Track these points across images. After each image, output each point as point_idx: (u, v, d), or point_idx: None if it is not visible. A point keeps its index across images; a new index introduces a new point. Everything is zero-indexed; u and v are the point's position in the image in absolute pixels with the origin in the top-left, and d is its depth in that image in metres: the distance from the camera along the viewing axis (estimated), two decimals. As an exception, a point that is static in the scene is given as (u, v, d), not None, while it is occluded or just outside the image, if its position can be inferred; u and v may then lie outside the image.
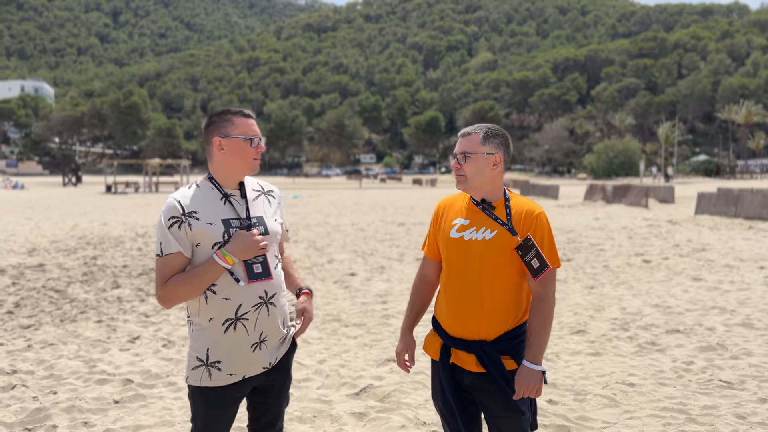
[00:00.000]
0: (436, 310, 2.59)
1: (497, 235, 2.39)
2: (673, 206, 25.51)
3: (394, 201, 32.95)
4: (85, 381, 4.81)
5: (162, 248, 2.28)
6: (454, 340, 2.46)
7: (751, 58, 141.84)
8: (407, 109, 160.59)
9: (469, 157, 2.43)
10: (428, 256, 2.65)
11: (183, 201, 2.30)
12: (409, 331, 2.69)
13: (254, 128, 2.38)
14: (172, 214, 2.28)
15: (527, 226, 2.40)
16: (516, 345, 2.43)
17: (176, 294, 2.27)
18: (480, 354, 2.37)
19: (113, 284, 8.77)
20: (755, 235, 14.89)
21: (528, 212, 2.41)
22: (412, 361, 2.69)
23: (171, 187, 49.31)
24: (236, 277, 2.31)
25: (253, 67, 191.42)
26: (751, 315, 6.78)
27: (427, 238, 2.66)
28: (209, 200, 2.34)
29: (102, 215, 21.80)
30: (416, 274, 2.72)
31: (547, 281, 2.40)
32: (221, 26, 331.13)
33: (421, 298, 2.69)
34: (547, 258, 2.38)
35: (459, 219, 2.49)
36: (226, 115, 2.36)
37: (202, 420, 2.38)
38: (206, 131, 2.39)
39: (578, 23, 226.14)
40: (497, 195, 2.48)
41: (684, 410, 4.15)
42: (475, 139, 2.45)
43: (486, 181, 2.45)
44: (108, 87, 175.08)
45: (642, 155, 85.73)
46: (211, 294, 2.31)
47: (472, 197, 2.50)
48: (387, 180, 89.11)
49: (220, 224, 2.31)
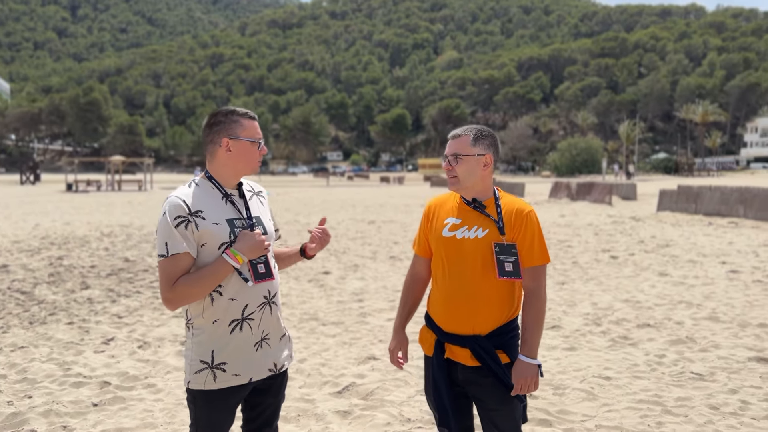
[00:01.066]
0: (429, 306, 2.63)
1: (489, 233, 2.45)
2: (635, 203, 26.09)
3: (363, 199, 32.96)
4: (61, 384, 4.71)
5: (168, 248, 2.23)
6: (448, 335, 2.50)
7: (707, 58, 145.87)
8: (374, 107, 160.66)
9: (461, 158, 2.48)
10: (419, 254, 2.69)
11: (187, 200, 2.27)
12: (402, 329, 2.73)
13: (258, 131, 2.40)
14: (178, 213, 2.23)
15: (518, 224, 2.45)
16: (509, 339, 2.49)
17: (186, 295, 2.23)
18: (475, 348, 2.42)
19: (82, 285, 8.59)
20: (715, 231, 15.35)
21: (518, 211, 2.47)
22: (405, 358, 2.73)
23: (134, 186, 48.39)
24: (244, 277, 2.31)
25: (217, 64, 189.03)
26: (717, 309, 7.00)
27: (417, 237, 2.70)
28: (212, 200, 2.33)
29: (64, 214, 21.29)
30: (407, 272, 2.76)
31: (538, 277, 2.47)
32: (184, 21, 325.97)
33: (413, 295, 2.73)
34: (538, 255, 2.46)
35: (451, 218, 2.54)
36: (233, 116, 2.35)
37: (204, 424, 2.34)
38: (212, 131, 2.35)
39: (542, 23, 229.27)
40: (488, 194, 2.53)
41: (659, 402, 4.28)
42: (465, 140, 2.49)
43: (477, 181, 2.50)
44: (67, 83, 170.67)
45: (604, 153, 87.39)
46: (217, 295, 2.29)
47: (463, 197, 2.55)
48: (354, 178, 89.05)
49: (226, 224, 2.30)
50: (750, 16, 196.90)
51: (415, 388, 4.60)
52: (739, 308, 7.03)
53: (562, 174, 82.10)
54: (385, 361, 5.21)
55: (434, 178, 62.00)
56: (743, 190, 18.53)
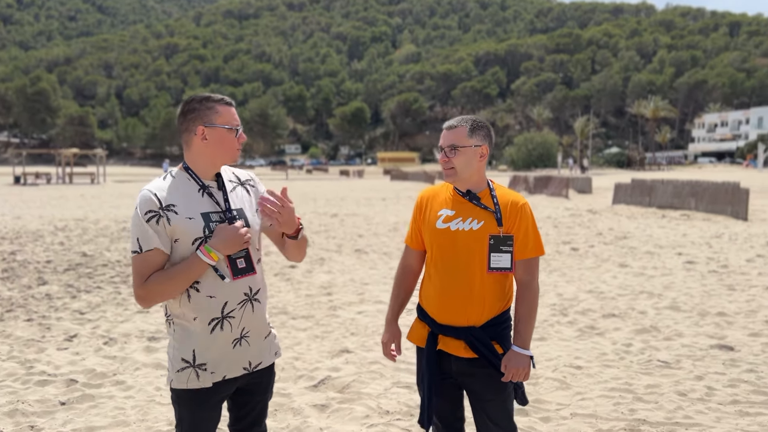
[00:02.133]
0: (422, 299, 2.61)
1: (484, 225, 2.44)
2: (591, 196, 26.67)
3: (323, 192, 32.79)
4: (24, 383, 4.54)
5: (140, 244, 2.14)
6: (442, 327, 2.49)
7: (657, 55, 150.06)
8: (332, 100, 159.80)
9: (458, 150, 2.45)
10: (411, 246, 2.67)
11: (159, 193, 2.16)
12: (395, 321, 2.71)
13: (236, 117, 2.27)
14: (149, 208, 2.13)
15: (513, 216, 2.45)
16: (502, 330, 2.49)
17: (157, 293, 2.15)
18: (471, 340, 2.42)
19: (39, 281, 8.30)
20: (669, 223, 15.82)
21: (513, 203, 2.47)
22: (398, 350, 2.71)
23: (86, 179, 47.02)
24: (221, 273, 2.20)
25: (171, 54, 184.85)
26: (677, 298, 7.22)
27: (409, 229, 2.67)
28: (186, 192, 2.21)
29: (14, 208, 20.54)
30: (399, 264, 2.73)
31: (532, 269, 2.49)
32: (136, 10, 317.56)
33: (404, 287, 2.71)
34: (532, 247, 2.47)
35: (444, 210, 2.51)
36: (208, 103, 2.22)
37: (189, 424, 2.27)
38: (186, 118, 2.23)
39: (498, 18, 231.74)
40: (482, 186, 2.52)
41: (630, 390, 4.38)
42: (461, 131, 2.46)
43: (473, 173, 2.48)
44: (12, 72, 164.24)
45: (559, 148, 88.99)
46: (194, 291, 2.20)
47: (457, 188, 2.52)
48: (313, 171, 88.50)
49: (200, 218, 2.18)
50: (697, 15, 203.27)
51: (391, 380, 4.60)
52: (698, 298, 7.26)
53: (519, 168, 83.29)
54: (359, 354, 5.20)
55: (394, 171, 62.14)
56: (694, 183, 19.13)
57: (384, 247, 11.66)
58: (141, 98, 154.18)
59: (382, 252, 11.09)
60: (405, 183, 47.74)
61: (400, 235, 13.59)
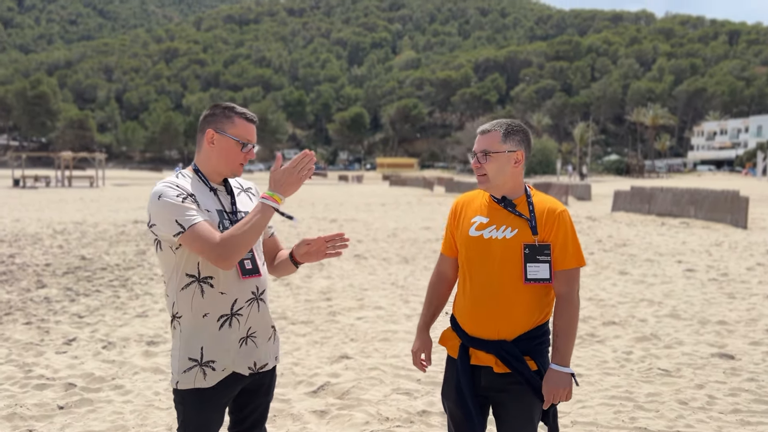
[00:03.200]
0: (455, 309, 2.53)
1: (518, 234, 2.34)
2: (590, 203, 26.70)
3: (322, 197, 32.79)
4: (23, 387, 4.52)
5: (181, 223, 2.11)
6: (472, 339, 2.39)
7: (657, 63, 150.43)
8: (332, 105, 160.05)
9: (491, 155, 2.35)
10: (445, 253, 2.58)
11: (181, 185, 2.21)
12: (426, 330, 2.61)
13: (252, 134, 2.30)
14: (177, 192, 2.16)
15: (549, 224, 2.34)
16: (536, 345, 2.37)
17: (235, 245, 2.11)
18: (502, 354, 2.32)
19: (38, 284, 8.28)
20: (668, 230, 15.82)
21: (550, 210, 2.36)
22: (428, 360, 2.61)
23: (85, 182, 46.97)
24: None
25: (171, 58, 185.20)
26: (677, 306, 7.20)
27: (444, 235, 2.60)
28: (199, 190, 2.27)
29: (12, 211, 20.52)
30: (433, 272, 2.65)
31: (571, 281, 2.35)
32: (137, 15, 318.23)
33: (438, 295, 2.61)
34: (572, 257, 2.34)
35: (478, 217, 2.43)
36: (229, 112, 2.27)
37: (195, 426, 2.27)
38: (204, 121, 2.30)
39: (498, 25, 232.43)
40: (518, 192, 2.42)
41: (631, 398, 4.37)
42: (495, 136, 2.37)
43: (508, 179, 2.38)
44: (12, 75, 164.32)
45: (558, 154, 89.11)
46: (208, 287, 2.22)
47: (492, 195, 2.43)
48: (312, 176, 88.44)
49: (216, 213, 2.25)
50: (697, 24, 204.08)
51: (391, 387, 4.59)
52: (698, 306, 7.25)
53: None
54: (359, 360, 5.18)
55: (393, 177, 62.16)
56: (693, 191, 19.15)
57: (383, 253, 11.65)
58: (141, 102, 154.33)
59: (381, 258, 11.07)
60: (404, 189, 47.78)
61: (399, 240, 13.58)
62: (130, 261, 10.34)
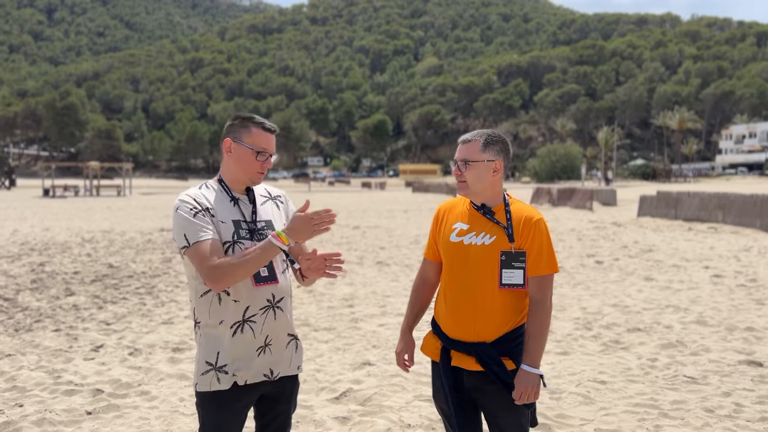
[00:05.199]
0: (436, 312, 2.62)
1: (496, 240, 2.43)
2: (615, 209, 26.40)
3: (346, 204, 32.92)
4: (52, 392, 4.62)
5: (188, 238, 2.21)
6: (453, 342, 2.49)
7: (683, 66, 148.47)
8: (354, 113, 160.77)
9: (470, 164, 2.46)
10: (428, 258, 2.69)
11: (198, 198, 2.30)
12: (409, 332, 2.72)
13: (268, 144, 2.36)
14: (192, 206, 2.26)
15: (526, 231, 2.43)
16: (515, 347, 2.46)
17: (227, 274, 2.18)
18: (480, 355, 2.41)
19: (66, 291, 8.45)
20: (696, 236, 15.57)
21: (527, 218, 2.45)
22: (412, 361, 2.72)
23: (113, 191, 47.79)
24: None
25: (196, 68, 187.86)
26: (704, 313, 7.10)
27: (428, 240, 2.70)
28: (220, 200, 2.35)
29: (43, 220, 20.96)
30: (416, 275, 2.75)
31: (544, 287, 2.44)
32: (163, 26, 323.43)
33: (421, 299, 2.72)
34: (546, 264, 2.44)
35: (459, 223, 2.53)
36: (247, 122, 2.36)
37: (212, 427, 2.34)
38: (225, 130, 2.40)
39: (521, 30, 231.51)
40: (497, 200, 2.51)
41: (656, 405, 4.32)
42: (475, 146, 2.47)
43: (487, 187, 2.48)
44: (43, 87, 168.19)
45: (583, 159, 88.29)
46: (224, 295, 2.30)
47: (473, 202, 2.54)
48: (335, 183, 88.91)
49: (231, 224, 2.31)
50: (724, 26, 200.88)
51: (413, 394, 4.59)
52: (726, 312, 7.13)
53: (542, 180, 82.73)
54: (381, 367, 5.20)
55: (416, 183, 62.13)
56: (721, 196, 18.83)
57: (405, 260, 11.66)
58: (167, 112, 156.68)
59: (403, 264, 11.09)
60: (427, 195, 47.73)
61: (421, 247, 13.58)
62: (156, 269, 10.50)
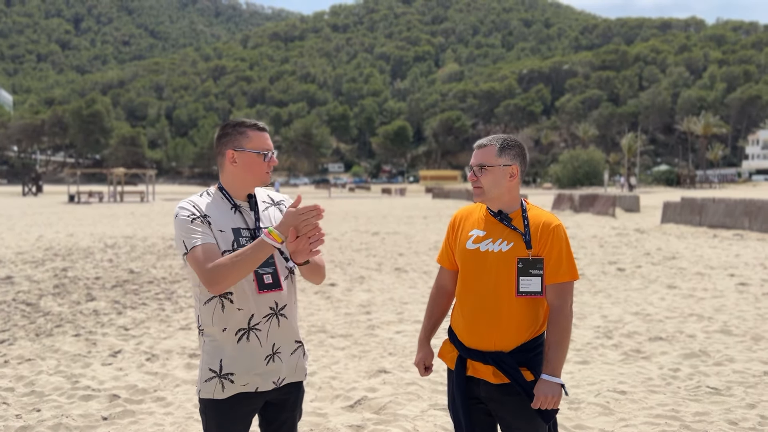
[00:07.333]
0: (453, 321, 2.58)
1: (513, 247, 2.39)
2: (638, 215, 26.04)
3: (365, 210, 32.93)
4: (69, 397, 4.65)
5: (187, 245, 2.21)
6: (470, 351, 2.44)
7: (708, 71, 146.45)
8: (375, 119, 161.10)
9: (486, 169, 2.42)
10: (444, 266, 2.64)
11: (197, 205, 2.30)
12: (427, 342, 2.68)
13: (267, 142, 2.36)
14: (190, 212, 2.26)
15: (544, 238, 2.39)
16: (533, 357, 2.42)
17: (223, 275, 2.15)
18: (498, 365, 2.36)
19: (87, 297, 8.54)
20: (720, 243, 15.28)
21: (545, 224, 2.41)
22: (430, 371, 2.69)
23: (136, 197, 48.40)
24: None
25: (219, 76, 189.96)
26: (728, 322, 6.94)
27: (443, 249, 2.65)
28: (220, 209, 2.33)
29: (67, 226, 21.27)
30: (433, 284, 2.71)
31: (564, 294, 2.39)
32: (186, 34, 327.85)
33: (438, 308, 2.67)
34: (565, 270, 2.39)
35: (475, 230, 2.48)
36: (240, 128, 2.34)
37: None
38: (219, 142, 2.36)
39: (542, 36, 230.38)
40: (514, 206, 2.47)
41: (677, 417, 4.21)
42: (491, 150, 2.44)
43: (503, 193, 2.44)
44: (69, 95, 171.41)
45: (606, 165, 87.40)
46: (227, 302, 2.28)
47: (489, 208, 2.49)
48: (356, 189, 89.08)
49: (230, 232, 2.29)
50: (750, 29, 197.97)
51: (428, 402, 4.54)
52: (751, 321, 6.96)
53: (564, 186, 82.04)
54: (397, 375, 5.16)
55: (436, 189, 62.00)
56: (748, 202, 18.48)
57: (424, 266, 11.60)
58: (190, 119, 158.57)
59: (422, 271, 11.03)
60: (447, 201, 47.57)
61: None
62: (175, 274, 10.57)
